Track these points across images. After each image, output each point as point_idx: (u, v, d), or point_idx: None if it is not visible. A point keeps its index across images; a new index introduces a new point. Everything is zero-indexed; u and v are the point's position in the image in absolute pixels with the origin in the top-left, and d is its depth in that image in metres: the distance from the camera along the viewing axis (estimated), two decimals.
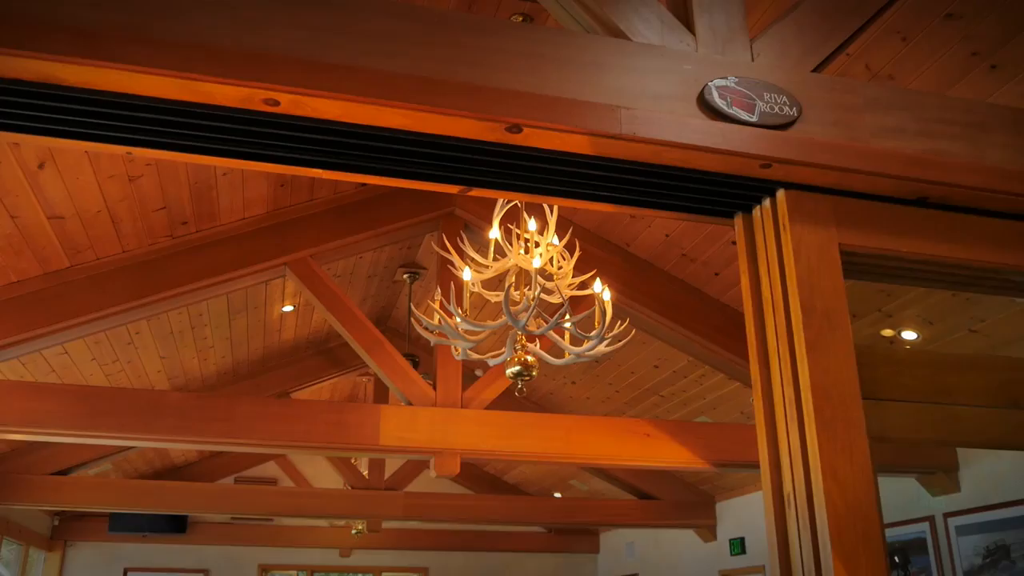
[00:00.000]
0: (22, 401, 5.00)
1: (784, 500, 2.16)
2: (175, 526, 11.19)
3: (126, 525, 10.89)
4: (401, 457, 7.99)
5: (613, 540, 12.68)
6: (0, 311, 5.00)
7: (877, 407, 2.23)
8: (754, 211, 2.36)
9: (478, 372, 8.04)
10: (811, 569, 2.05)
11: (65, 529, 11.07)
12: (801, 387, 2.13)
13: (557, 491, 11.59)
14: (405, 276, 7.74)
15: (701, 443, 5.99)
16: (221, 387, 8.57)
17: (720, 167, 2.20)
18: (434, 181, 2.27)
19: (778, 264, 2.24)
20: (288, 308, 7.54)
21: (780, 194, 2.27)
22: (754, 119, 2.17)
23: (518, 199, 2.74)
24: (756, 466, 6.34)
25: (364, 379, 10.03)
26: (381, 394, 9.23)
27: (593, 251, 5.84)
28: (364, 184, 5.71)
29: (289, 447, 5.89)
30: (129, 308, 5.26)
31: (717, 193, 2.32)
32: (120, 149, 2.13)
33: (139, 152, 2.15)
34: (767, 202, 2.31)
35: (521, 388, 3.80)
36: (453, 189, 2.31)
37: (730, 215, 2.41)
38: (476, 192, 2.33)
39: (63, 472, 8.08)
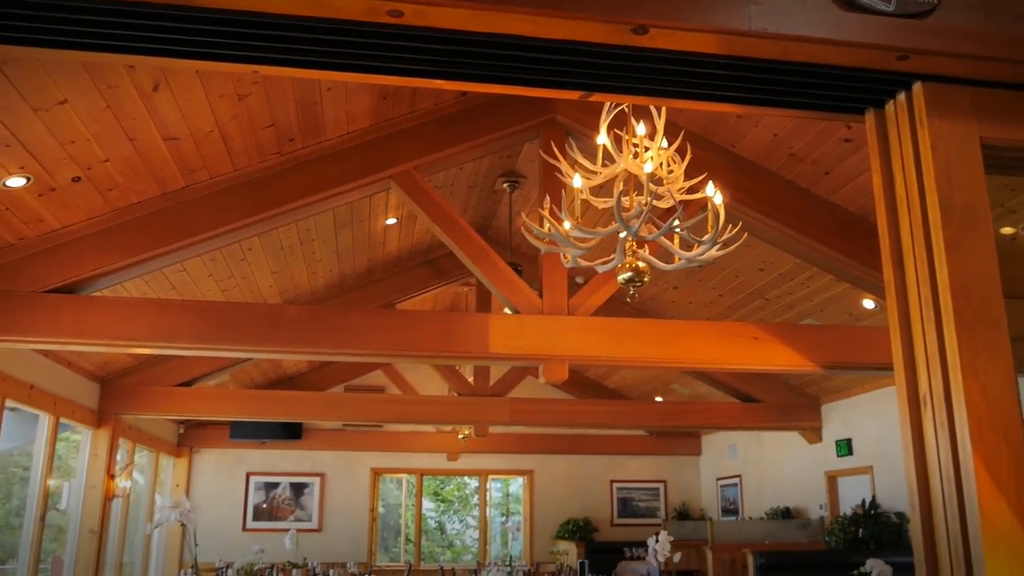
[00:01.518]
0: (148, 317, 5.23)
1: (920, 400, 2.12)
2: (291, 433, 11.70)
3: (245, 433, 11.45)
4: (508, 364, 8.14)
5: (716, 442, 12.74)
6: (124, 231, 5.21)
7: (1017, 306, 2.16)
8: (887, 106, 2.27)
9: (579, 279, 8.05)
10: (949, 469, 2.02)
11: (190, 436, 11.70)
12: (939, 287, 2.07)
13: (658, 395, 11.66)
14: (505, 185, 7.73)
15: (810, 345, 5.92)
16: (328, 300, 8.80)
17: (853, 61, 2.12)
18: (555, 87, 2.24)
19: (914, 160, 2.16)
20: (391, 221, 7.63)
21: (917, 87, 2.17)
22: (891, 8, 2.06)
23: (640, 103, 2.69)
24: (867, 367, 6.19)
25: (466, 289, 10.16)
26: (483, 303, 9.34)
27: (697, 153, 5.69)
28: (465, 93, 5.68)
29: (401, 356, 6.05)
30: (242, 225, 5.41)
31: (848, 88, 2.24)
32: (247, 68, 2.17)
33: (265, 70, 2.18)
34: (902, 96, 2.22)
35: (633, 294, 3.78)
36: (573, 95, 2.29)
37: (860, 111, 2.33)
38: (596, 97, 2.30)
39: (186, 384, 8.51)
